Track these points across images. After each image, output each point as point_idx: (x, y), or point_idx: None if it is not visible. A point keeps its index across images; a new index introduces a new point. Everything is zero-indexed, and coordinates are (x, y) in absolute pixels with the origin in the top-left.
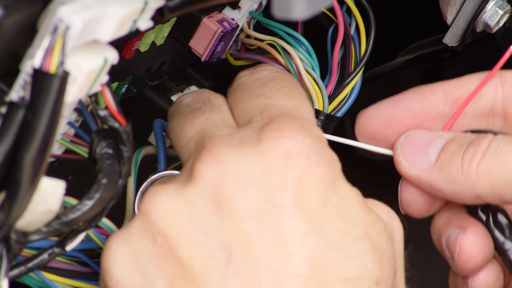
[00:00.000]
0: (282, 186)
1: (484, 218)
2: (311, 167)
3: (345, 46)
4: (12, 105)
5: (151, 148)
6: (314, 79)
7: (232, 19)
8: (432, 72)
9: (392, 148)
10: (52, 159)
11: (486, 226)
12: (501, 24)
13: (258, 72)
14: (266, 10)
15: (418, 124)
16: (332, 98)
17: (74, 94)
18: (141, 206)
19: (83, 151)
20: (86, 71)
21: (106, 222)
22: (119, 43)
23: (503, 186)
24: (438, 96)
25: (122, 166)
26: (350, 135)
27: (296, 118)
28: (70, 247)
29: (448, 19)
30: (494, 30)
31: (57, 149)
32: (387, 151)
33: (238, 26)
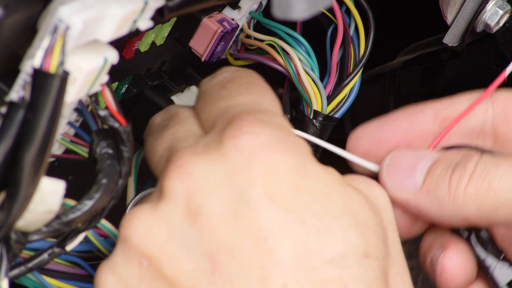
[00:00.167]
0: (250, 183)
1: (466, 234)
2: (276, 157)
3: (344, 47)
4: (12, 105)
5: None
6: (313, 80)
7: (232, 19)
8: (432, 72)
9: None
10: (52, 159)
11: (468, 242)
12: (501, 24)
13: (216, 77)
14: (266, 10)
15: (408, 143)
16: (331, 98)
17: (74, 94)
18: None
19: (83, 151)
20: (86, 71)
21: (104, 223)
22: (119, 43)
23: (491, 209)
24: (428, 116)
25: (122, 166)
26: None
27: (256, 112)
28: (70, 247)
29: (448, 19)
30: (494, 30)
31: (57, 149)
32: (372, 166)
33: (238, 26)
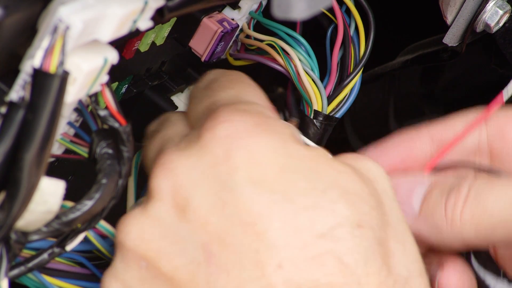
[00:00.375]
0: (232, 170)
1: (465, 252)
2: (255, 141)
3: (344, 47)
4: (12, 105)
5: None
6: (313, 80)
7: (232, 19)
8: (432, 72)
9: None
10: (52, 159)
11: (467, 261)
12: (501, 24)
13: (202, 79)
14: (266, 11)
15: (406, 168)
16: (331, 98)
17: (74, 94)
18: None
19: (83, 151)
20: (86, 71)
21: (103, 224)
22: (119, 43)
23: (488, 230)
24: (424, 139)
25: (122, 166)
26: (350, 136)
27: (234, 103)
28: (70, 247)
29: (448, 19)
30: (494, 30)
31: (57, 149)
32: None
33: (238, 26)
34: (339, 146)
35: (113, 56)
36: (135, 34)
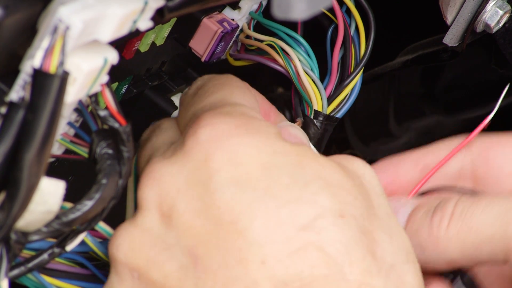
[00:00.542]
0: (213, 172)
1: (451, 276)
2: (236, 142)
3: (345, 47)
4: (12, 105)
5: None
6: (312, 80)
7: (232, 20)
8: (432, 72)
9: None
10: (52, 159)
11: (452, 285)
12: (501, 24)
13: (191, 86)
14: (266, 11)
15: (391, 193)
16: (332, 98)
17: (74, 94)
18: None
19: (83, 151)
20: (86, 71)
21: (102, 225)
22: (119, 43)
23: (474, 247)
24: (409, 165)
25: (122, 166)
26: (350, 136)
27: (218, 108)
28: (70, 247)
29: (448, 19)
30: (494, 30)
31: (57, 149)
32: None
33: (238, 26)
34: (339, 146)
35: (113, 56)
36: (135, 34)
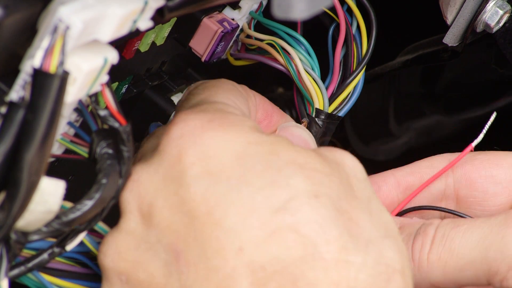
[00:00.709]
0: (186, 167)
1: None
2: (209, 136)
3: (346, 45)
4: (12, 105)
5: None
6: (313, 79)
7: (233, 19)
8: (432, 72)
9: None
10: (52, 159)
11: None
12: (501, 24)
13: (184, 93)
14: (267, 10)
15: None
16: (334, 97)
17: (74, 94)
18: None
19: (83, 151)
20: (86, 71)
21: (102, 225)
22: (119, 43)
23: (456, 271)
24: (391, 185)
25: (122, 166)
26: (350, 135)
27: (195, 107)
28: (70, 247)
29: (448, 19)
30: (494, 30)
31: (57, 149)
32: None
33: (238, 26)
34: (339, 146)
35: (113, 56)
36: (135, 34)
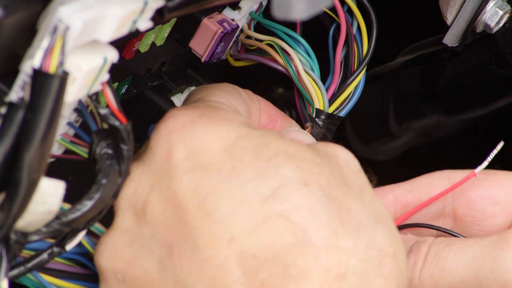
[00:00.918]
0: (179, 161)
1: None
2: (199, 130)
3: (347, 45)
4: (11, 105)
5: None
6: (313, 79)
7: (232, 20)
8: (432, 72)
9: None
10: (52, 159)
11: None
12: (501, 24)
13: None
14: (266, 11)
15: None
16: (335, 97)
17: (74, 94)
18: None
19: (83, 151)
20: (86, 71)
21: (97, 226)
22: (119, 44)
23: None
24: (389, 201)
25: (122, 165)
26: (350, 136)
27: (186, 105)
28: (69, 246)
29: (448, 19)
30: (494, 30)
31: (57, 149)
32: None
33: (238, 27)
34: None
35: (113, 55)
36: (135, 35)
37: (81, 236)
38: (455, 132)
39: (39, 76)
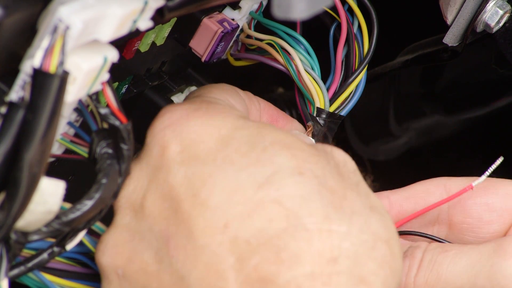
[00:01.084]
0: (175, 154)
1: None
2: (195, 123)
3: (348, 44)
4: (12, 105)
5: None
6: (313, 78)
7: (233, 20)
8: (432, 72)
9: None
10: (52, 159)
11: None
12: (501, 24)
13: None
14: (267, 11)
15: None
16: (336, 96)
17: (74, 93)
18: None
19: (83, 151)
20: (86, 71)
21: (98, 225)
22: (119, 43)
23: None
24: (384, 205)
25: (122, 164)
26: (350, 136)
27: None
28: (69, 246)
29: (448, 19)
30: (494, 30)
31: (57, 149)
32: None
33: (238, 26)
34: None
35: (113, 55)
36: (135, 34)
37: (81, 236)
38: (455, 132)
39: (39, 76)
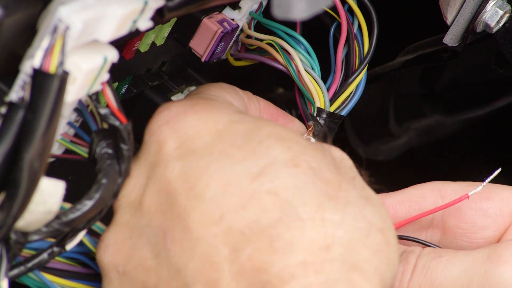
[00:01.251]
0: (172, 150)
1: None
2: (192, 119)
3: (348, 44)
4: (11, 105)
5: None
6: (314, 78)
7: (232, 20)
8: (432, 72)
9: None
10: (52, 159)
11: None
12: (501, 24)
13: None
14: (267, 11)
15: None
16: (336, 96)
17: (74, 93)
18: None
19: (83, 151)
20: (86, 71)
21: (99, 225)
22: (119, 43)
23: None
24: None
25: (122, 164)
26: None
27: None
28: (69, 246)
29: (448, 19)
30: (494, 30)
31: (57, 149)
32: None
33: (238, 26)
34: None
35: (113, 55)
36: (135, 34)
37: (81, 236)
38: (455, 132)
39: (39, 76)
